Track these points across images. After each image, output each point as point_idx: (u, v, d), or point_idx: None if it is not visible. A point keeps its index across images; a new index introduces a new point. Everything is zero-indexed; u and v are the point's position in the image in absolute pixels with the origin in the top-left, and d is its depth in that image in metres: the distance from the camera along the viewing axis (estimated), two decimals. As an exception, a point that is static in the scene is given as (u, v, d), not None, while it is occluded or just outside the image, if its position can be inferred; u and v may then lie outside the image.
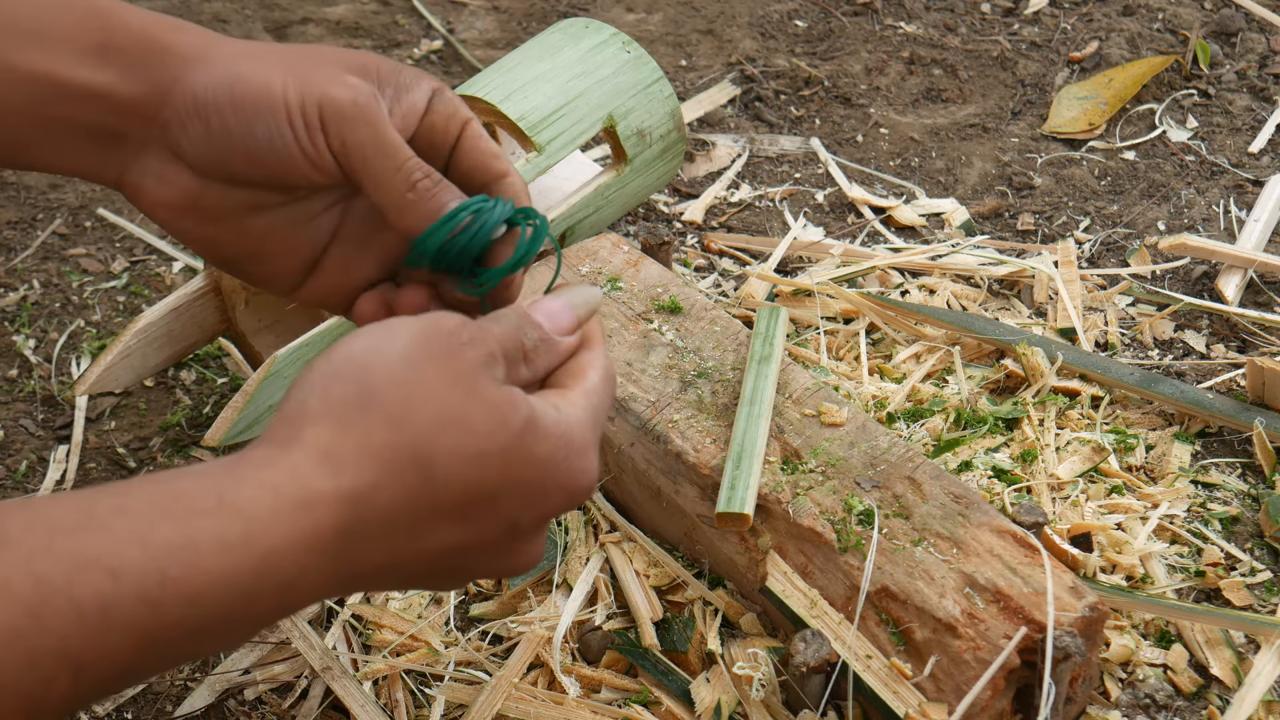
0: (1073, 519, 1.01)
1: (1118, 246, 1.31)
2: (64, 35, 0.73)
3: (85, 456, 1.11)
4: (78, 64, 0.73)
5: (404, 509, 0.63)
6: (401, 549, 0.64)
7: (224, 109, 0.73)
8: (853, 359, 1.15)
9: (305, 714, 0.90)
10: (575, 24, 1.21)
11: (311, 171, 0.73)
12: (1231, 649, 0.94)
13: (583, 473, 0.68)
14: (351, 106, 0.72)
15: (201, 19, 1.61)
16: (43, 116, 0.74)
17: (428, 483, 0.63)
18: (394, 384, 0.64)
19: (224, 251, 0.78)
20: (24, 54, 0.73)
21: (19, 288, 1.27)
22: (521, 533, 0.68)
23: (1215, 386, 1.14)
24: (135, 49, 0.74)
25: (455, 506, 0.64)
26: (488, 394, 0.65)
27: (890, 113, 1.49)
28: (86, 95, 0.74)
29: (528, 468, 0.66)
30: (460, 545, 0.66)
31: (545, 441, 0.66)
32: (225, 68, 0.73)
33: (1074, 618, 0.82)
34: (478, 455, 0.64)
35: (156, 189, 0.76)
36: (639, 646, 0.93)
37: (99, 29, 0.74)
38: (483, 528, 0.66)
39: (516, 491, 0.66)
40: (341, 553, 0.62)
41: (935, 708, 0.83)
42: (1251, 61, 1.54)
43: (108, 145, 0.75)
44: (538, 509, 0.67)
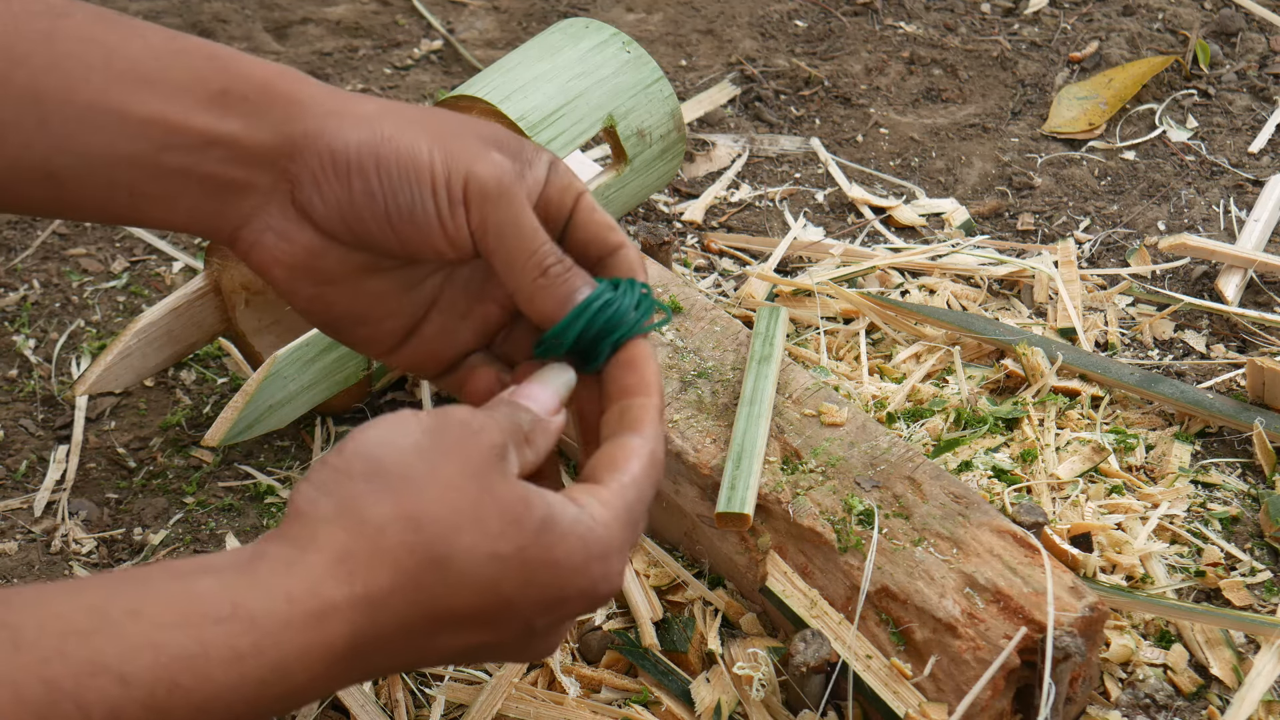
0: (1073, 519, 1.01)
1: (1118, 246, 1.31)
2: (181, 81, 0.71)
3: (85, 456, 1.11)
4: (197, 110, 0.71)
5: (419, 613, 0.63)
6: (415, 651, 0.64)
7: (368, 171, 0.71)
8: (853, 359, 1.16)
9: (305, 714, 0.90)
10: (575, 24, 1.21)
11: (444, 245, 0.72)
12: (1231, 649, 0.94)
13: (603, 578, 0.67)
14: (496, 186, 0.71)
15: (201, 19, 1.61)
16: (158, 165, 0.72)
17: (444, 584, 0.63)
18: (408, 480, 0.64)
19: (333, 312, 0.77)
20: (138, 100, 0.71)
21: (19, 288, 1.27)
22: (536, 634, 0.67)
23: (1215, 386, 1.14)
24: (258, 97, 0.72)
25: (471, 611, 0.64)
26: (502, 491, 0.65)
27: (890, 113, 1.49)
28: (207, 143, 0.71)
29: (544, 570, 0.65)
30: (476, 645, 0.66)
31: (563, 543, 0.65)
32: (369, 128, 0.72)
33: (1074, 618, 0.82)
34: (493, 557, 0.63)
35: (276, 246, 0.74)
36: (639, 646, 0.93)
37: (218, 75, 0.72)
38: (499, 631, 0.66)
39: (533, 596, 0.65)
40: (354, 662, 0.62)
41: (935, 708, 0.83)
42: (1251, 61, 1.54)
43: (226, 197, 0.73)
44: (555, 614, 0.67)
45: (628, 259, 0.76)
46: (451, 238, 0.72)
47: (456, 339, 0.78)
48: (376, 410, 1.13)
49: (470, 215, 0.72)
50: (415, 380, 1.14)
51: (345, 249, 0.74)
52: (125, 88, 0.71)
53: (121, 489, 1.09)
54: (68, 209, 0.75)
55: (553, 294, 0.73)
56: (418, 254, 0.74)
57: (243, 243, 0.74)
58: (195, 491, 1.08)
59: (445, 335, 0.78)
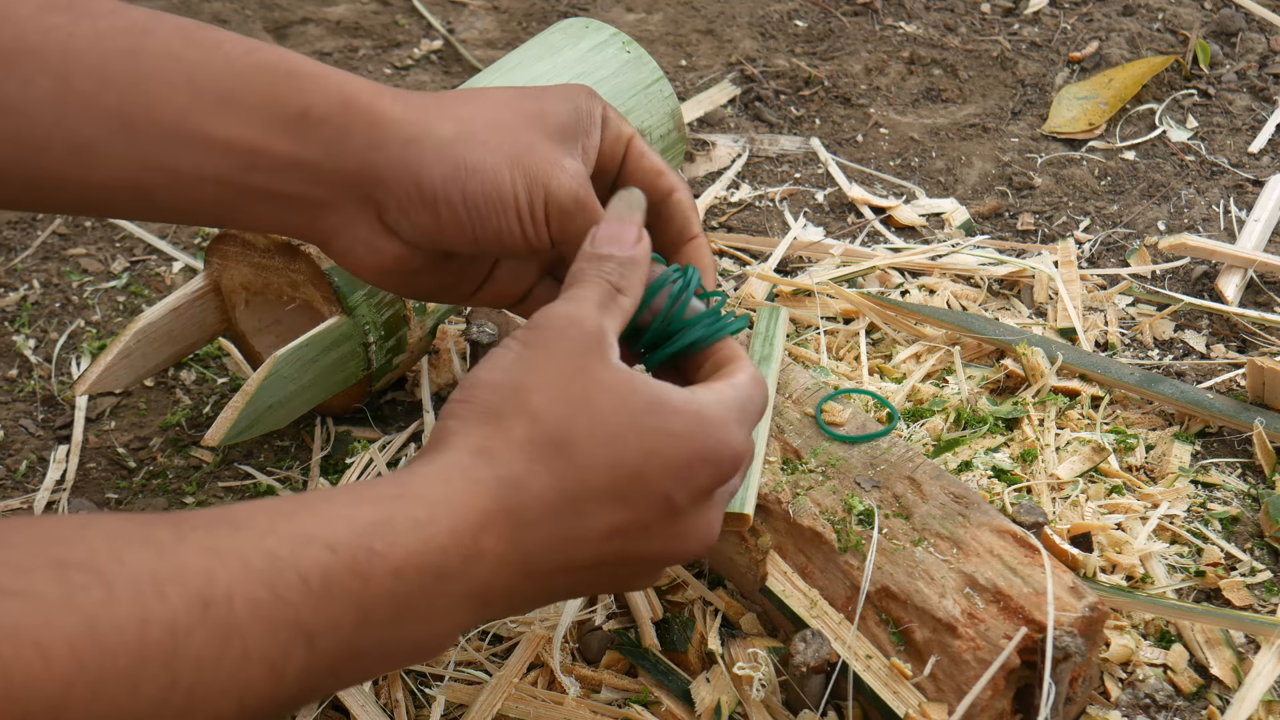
0: (1073, 519, 1.01)
1: (1118, 246, 1.31)
2: (261, 102, 0.74)
3: (85, 456, 1.11)
4: (279, 134, 0.75)
5: (557, 493, 0.67)
6: (566, 532, 0.68)
7: (455, 204, 0.76)
8: (853, 359, 1.16)
9: (305, 714, 0.90)
10: (575, 24, 1.21)
11: (525, 251, 0.80)
12: (1231, 649, 0.94)
13: (723, 444, 0.70)
14: (574, 204, 0.78)
15: (201, 18, 1.61)
16: (244, 185, 0.76)
17: (573, 466, 0.67)
18: (518, 388, 0.69)
19: (416, 290, 0.84)
20: (221, 122, 0.74)
21: (19, 288, 1.27)
22: (680, 510, 0.70)
23: (1215, 386, 1.14)
24: (338, 120, 0.75)
25: (605, 485, 0.68)
26: (606, 378, 0.69)
27: (890, 113, 1.49)
28: (289, 166, 0.75)
29: (660, 438, 0.69)
30: (622, 526, 0.69)
31: (677, 416, 0.69)
32: (450, 160, 0.76)
33: (1074, 618, 0.82)
34: (611, 435, 0.68)
35: (366, 256, 0.80)
36: (639, 646, 0.93)
37: (297, 95, 0.75)
38: (639, 506, 0.69)
39: (659, 465, 0.69)
40: (512, 535, 0.66)
41: (935, 708, 0.83)
42: (1251, 61, 1.54)
43: (313, 213, 0.78)
44: (688, 483, 0.70)
45: (681, 205, 0.83)
46: (534, 246, 0.79)
47: (524, 277, 0.85)
48: (376, 410, 1.13)
49: (552, 228, 0.79)
50: (415, 381, 1.14)
51: (430, 251, 0.80)
52: (208, 109, 0.74)
53: (121, 489, 1.09)
54: (158, 217, 0.81)
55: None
56: (500, 255, 0.82)
57: (334, 250, 0.80)
58: (195, 491, 1.08)
59: (514, 276, 0.85)
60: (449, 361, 1.15)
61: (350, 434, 1.10)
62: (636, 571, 0.73)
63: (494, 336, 1.05)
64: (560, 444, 0.67)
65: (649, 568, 0.73)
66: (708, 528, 0.73)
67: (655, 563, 0.73)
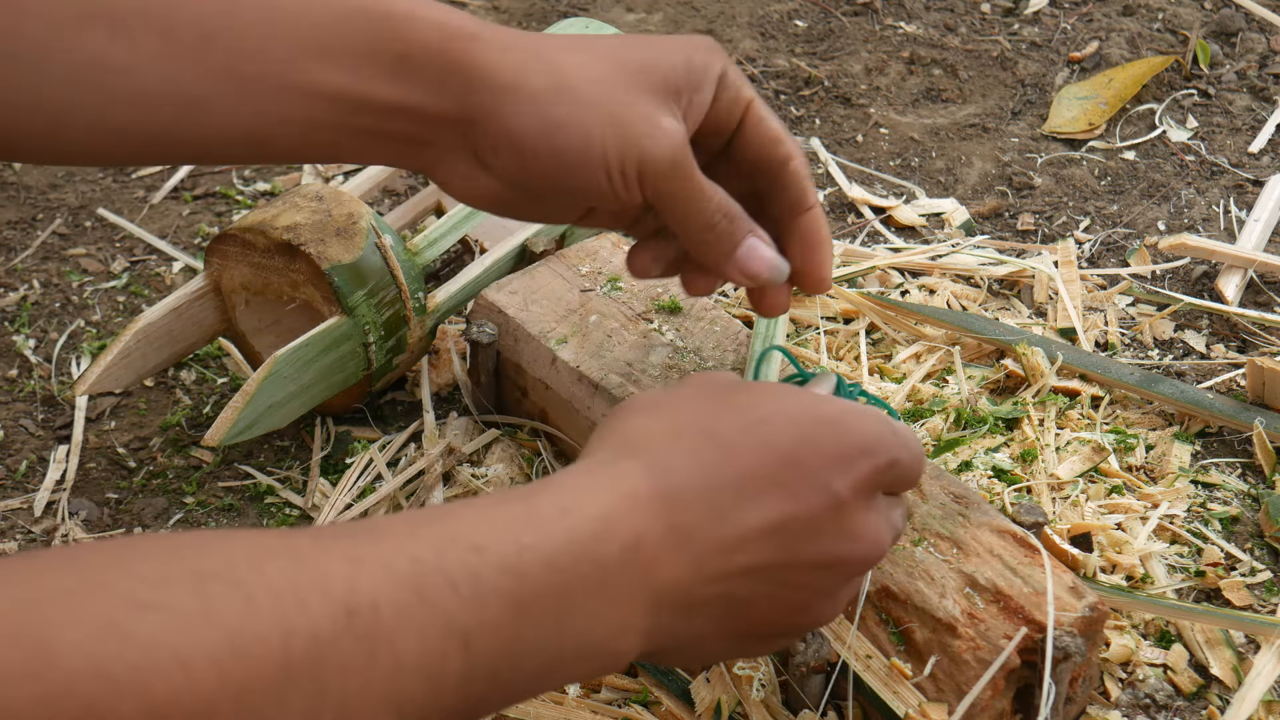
0: (1073, 519, 1.01)
1: (1118, 246, 1.31)
2: (360, 50, 0.76)
3: (85, 456, 1.11)
4: (379, 81, 0.77)
5: (709, 474, 0.66)
6: (725, 521, 0.65)
7: (542, 156, 0.77)
8: (853, 359, 1.15)
9: (305, 714, 0.90)
10: (575, 24, 1.21)
11: (617, 209, 0.81)
12: (1231, 649, 0.94)
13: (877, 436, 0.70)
14: (669, 164, 0.77)
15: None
16: (351, 128, 0.78)
17: (723, 449, 0.66)
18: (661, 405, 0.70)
19: (522, 217, 0.86)
20: (325, 73, 0.76)
21: (19, 288, 1.27)
22: (845, 503, 0.68)
23: (1215, 386, 1.14)
24: (435, 65, 0.77)
25: (759, 469, 0.67)
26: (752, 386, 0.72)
27: (890, 113, 1.49)
28: (392, 110, 0.77)
29: (817, 425, 0.68)
30: (785, 518, 0.67)
31: (826, 405, 0.70)
32: (542, 114, 0.77)
33: (1074, 618, 0.82)
34: (759, 419, 0.68)
35: (464, 185, 0.81)
36: (639, 646, 0.93)
37: (394, 40, 0.77)
38: (799, 494, 0.67)
39: (814, 450, 0.68)
40: (668, 517, 0.64)
41: (935, 708, 0.83)
42: (1251, 61, 1.54)
43: (416, 149, 0.80)
44: (848, 473, 0.68)
45: (796, 174, 0.83)
46: (624, 206, 0.79)
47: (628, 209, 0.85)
48: (376, 410, 1.13)
49: (645, 189, 0.78)
50: (415, 381, 1.14)
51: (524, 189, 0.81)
52: (311, 59, 0.76)
53: (121, 489, 1.09)
54: (276, 161, 0.84)
55: (717, 246, 0.81)
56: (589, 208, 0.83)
57: (436, 178, 0.82)
58: (195, 491, 1.08)
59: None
60: (449, 361, 1.15)
61: (350, 434, 1.10)
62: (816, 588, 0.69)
63: (494, 336, 1.05)
64: (707, 431, 0.67)
65: (826, 579, 0.69)
66: (876, 531, 0.70)
67: (830, 569, 0.69)
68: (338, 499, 1.04)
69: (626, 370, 1.00)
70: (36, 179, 1.39)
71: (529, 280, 1.08)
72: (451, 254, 1.19)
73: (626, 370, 1.00)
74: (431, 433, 1.09)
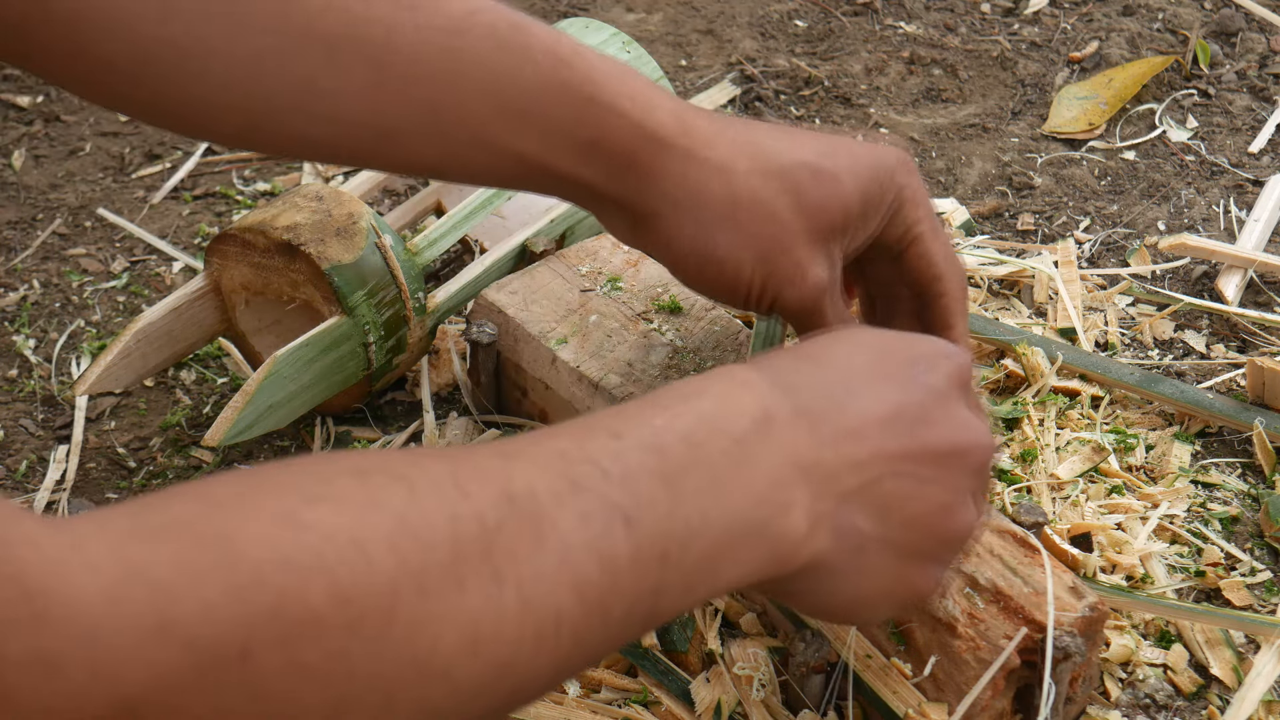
0: (1073, 519, 1.01)
1: (1118, 246, 1.31)
2: (559, 127, 0.80)
3: (85, 456, 1.11)
4: (566, 157, 0.81)
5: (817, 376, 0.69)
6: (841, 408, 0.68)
7: (691, 271, 0.84)
8: (853, 359, 1.15)
9: (305, 714, 0.90)
10: (575, 24, 1.21)
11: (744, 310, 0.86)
12: (1231, 649, 0.94)
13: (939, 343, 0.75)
14: (800, 309, 0.83)
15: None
16: (528, 182, 0.83)
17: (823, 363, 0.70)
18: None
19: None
20: (518, 137, 0.80)
21: (19, 288, 1.27)
22: (946, 394, 0.71)
23: (1215, 386, 1.14)
24: (622, 158, 0.81)
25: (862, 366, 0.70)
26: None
27: (890, 113, 1.49)
28: (571, 182, 0.82)
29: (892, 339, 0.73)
30: (897, 408, 0.69)
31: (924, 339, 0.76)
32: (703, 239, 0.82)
33: (1074, 618, 0.82)
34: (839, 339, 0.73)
35: (620, 238, 0.86)
36: (639, 646, 0.93)
37: (592, 125, 0.80)
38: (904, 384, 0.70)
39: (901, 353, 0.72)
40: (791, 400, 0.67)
41: (935, 708, 0.83)
42: (1251, 61, 1.54)
43: (583, 203, 0.85)
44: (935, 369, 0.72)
45: (947, 309, 0.87)
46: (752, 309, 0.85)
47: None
48: (376, 410, 1.13)
49: (776, 308, 0.85)
50: (415, 381, 1.14)
51: None
52: (509, 122, 0.79)
53: (121, 489, 1.09)
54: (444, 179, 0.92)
55: None
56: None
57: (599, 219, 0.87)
58: (195, 491, 1.08)
59: None
60: (449, 361, 1.15)
61: (350, 434, 1.10)
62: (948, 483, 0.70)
63: (494, 337, 1.05)
64: (807, 353, 0.71)
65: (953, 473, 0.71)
66: (979, 423, 0.73)
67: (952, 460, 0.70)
68: (338, 499, 1.04)
69: (626, 370, 1.00)
70: (36, 179, 1.39)
71: (529, 280, 1.08)
72: (451, 254, 1.19)
73: (626, 370, 1.00)
74: (431, 433, 1.09)
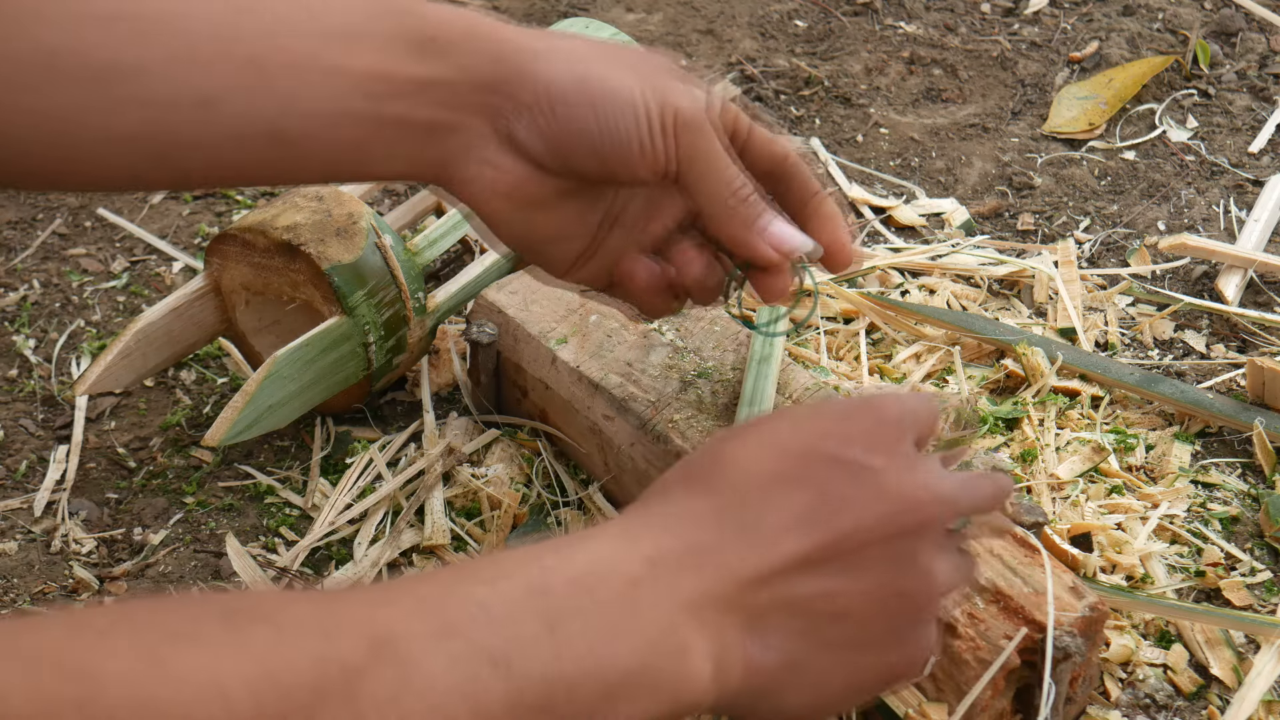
0: (1073, 519, 1.01)
1: (1118, 246, 1.31)
2: (388, 34, 0.75)
3: (85, 456, 1.11)
4: (408, 59, 0.75)
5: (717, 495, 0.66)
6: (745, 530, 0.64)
7: (579, 105, 0.76)
8: (853, 359, 1.15)
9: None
10: (575, 24, 1.21)
11: (646, 172, 0.78)
12: (1231, 649, 0.94)
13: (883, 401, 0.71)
14: (696, 119, 0.77)
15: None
16: (379, 117, 0.76)
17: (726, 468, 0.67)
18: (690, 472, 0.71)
19: (532, 234, 0.82)
20: (352, 56, 0.75)
21: (19, 288, 1.27)
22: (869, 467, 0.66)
23: (1215, 386, 1.14)
24: (464, 40, 0.76)
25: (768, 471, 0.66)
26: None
27: (890, 113, 1.49)
28: (422, 88, 0.76)
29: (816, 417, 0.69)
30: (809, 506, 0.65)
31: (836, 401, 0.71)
32: (581, 66, 0.77)
33: (1074, 618, 0.82)
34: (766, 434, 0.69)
35: (491, 177, 0.79)
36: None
37: (421, 24, 0.76)
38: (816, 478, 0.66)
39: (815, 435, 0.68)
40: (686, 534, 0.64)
41: (935, 708, 0.83)
42: (1251, 61, 1.54)
43: (443, 139, 0.77)
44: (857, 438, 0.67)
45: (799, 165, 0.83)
46: (653, 165, 0.77)
47: (627, 254, 0.85)
48: (376, 410, 1.13)
49: (679, 145, 0.77)
50: (415, 381, 1.14)
51: (551, 176, 0.79)
52: (337, 46, 0.75)
53: (121, 489, 1.09)
54: (294, 171, 0.79)
55: (744, 216, 0.80)
56: (618, 178, 0.79)
57: (458, 179, 0.79)
58: (195, 491, 1.08)
59: (617, 253, 0.84)
60: (449, 361, 1.15)
61: (350, 434, 1.10)
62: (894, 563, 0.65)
63: (494, 337, 1.05)
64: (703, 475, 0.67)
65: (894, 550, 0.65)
66: (928, 477, 0.67)
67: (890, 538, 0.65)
68: (338, 499, 1.04)
69: (626, 370, 1.00)
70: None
71: (529, 280, 1.08)
72: (451, 254, 1.19)
73: (626, 370, 1.00)
74: (431, 433, 1.09)
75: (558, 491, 1.04)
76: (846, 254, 0.85)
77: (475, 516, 1.03)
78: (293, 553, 1.01)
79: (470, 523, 1.02)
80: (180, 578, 1.01)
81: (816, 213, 0.84)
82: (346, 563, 1.01)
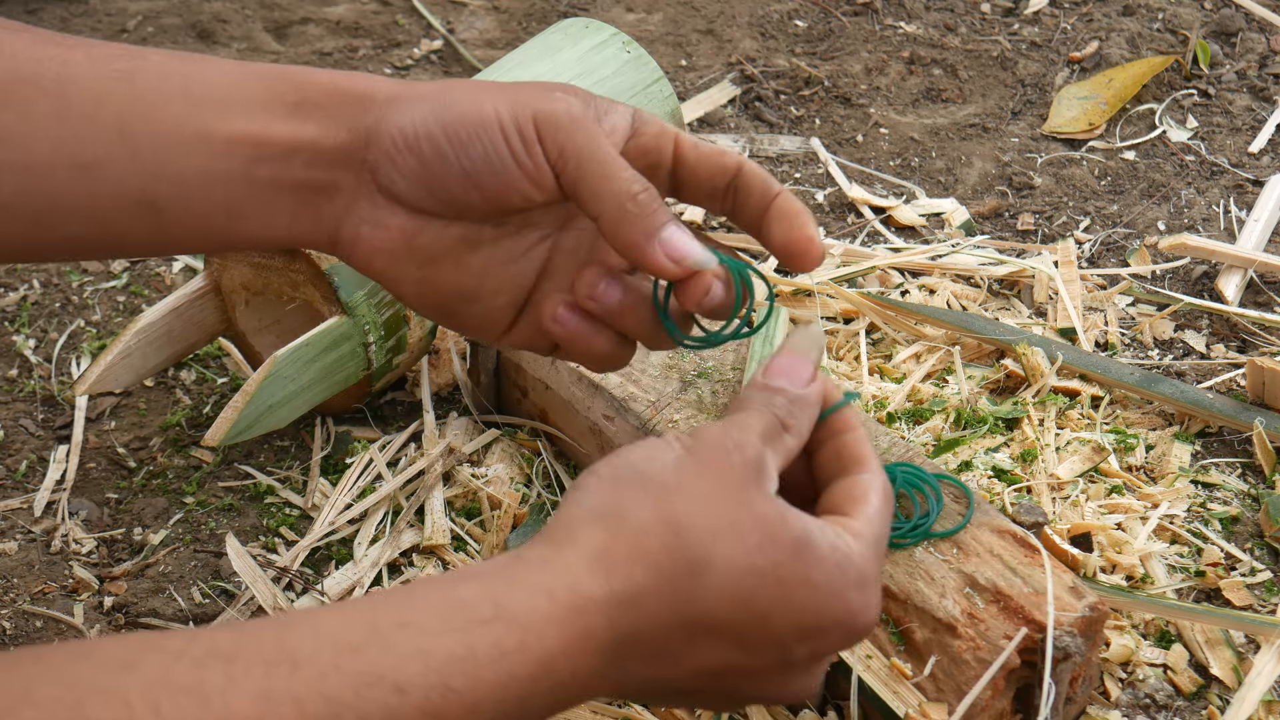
0: (1073, 519, 1.01)
1: (1118, 246, 1.31)
2: (258, 100, 0.75)
3: (85, 456, 1.11)
4: (277, 122, 0.74)
5: (675, 617, 0.64)
6: (672, 660, 0.65)
7: (436, 136, 0.73)
8: (853, 359, 1.16)
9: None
10: (575, 24, 1.21)
11: (529, 187, 0.73)
12: (1231, 649, 0.94)
13: (862, 609, 0.67)
14: (566, 116, 0.72)
15: (201, 19, 1.61)
16: (250, 180, 0.74)
17: (700, 589, 0.64)
18: (670, 489, 0.66)
19: (441, 293, 0.77)
20: (221, 121, 0.74)
21: (19, 288, 1.27)
22: (793, 665, 0.67)
23: (1215, 386, 1.14)
24: (330, 102, 0.75)
25: (726, 622, 0.65)
26: (760, 507, 0.66)
27: (890, 113, 1.49)
28: (290, 150, 0.74)
29: (801, 589, 0.66)
30: (730, 667, 0.66)
31: (820, 565, 0.66)
32: (430, 101, 0.74)
33: (1074, 618, 0.82)
34: (750, 569, 0.65)
35: (372, 235, 0.76)
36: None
37: (292, 89, 0.75)
38: (754, 650, 0.66)
39: (789, 614, 0.65)
40: (613, 657, 0.63)
41: (935, 708, 0.83)
42: (1251, 61, 1.54)
43: (318, 201, 0.76)
44: (812, 642, 0.67)
45: (754, 172, 0.76)
46: (532, 177, 0.73)
47: (549, 298, 0.78)
48: (376, 410, 1.13)
49: (547, 148, 0.72)
50: (415, 381, 1.14)
51: (439, 223, 0.75)
52: (207, 111, 0.74)
53: (121, 489, 1.09)
54: (169, 241, 0.77)
55: (641, 223, 0.72)
56: (505, 204, 0.74)
57: (343, 243, 0.76)
58: (195, 491, 1.08)
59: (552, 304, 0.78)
60: (449, 361, 1.15)
61: (350, 434, 1.10)
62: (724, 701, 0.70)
63: (494, 336, 1.05)
64: (694, 565, 0.64)
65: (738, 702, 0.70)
66: (811, 681, 0.70)
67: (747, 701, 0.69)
68: (338, 499, 1.04)
69: (626, 370, 1.00)
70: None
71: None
72: (451, 254, 1.18)
73: (626, 370, 1.00)
74: (431, 433, 1.09)
75: (558, 491, 1.04)
76: (812, 251, 0.76)
77: (475, 516, 1.03)
78: (293, 553, 1.01)
79: (470, 523, 1.03)
80: (180, 578, 1.01)
81: (777, 211, 0.76)
82: (346, 563, 1.01)
